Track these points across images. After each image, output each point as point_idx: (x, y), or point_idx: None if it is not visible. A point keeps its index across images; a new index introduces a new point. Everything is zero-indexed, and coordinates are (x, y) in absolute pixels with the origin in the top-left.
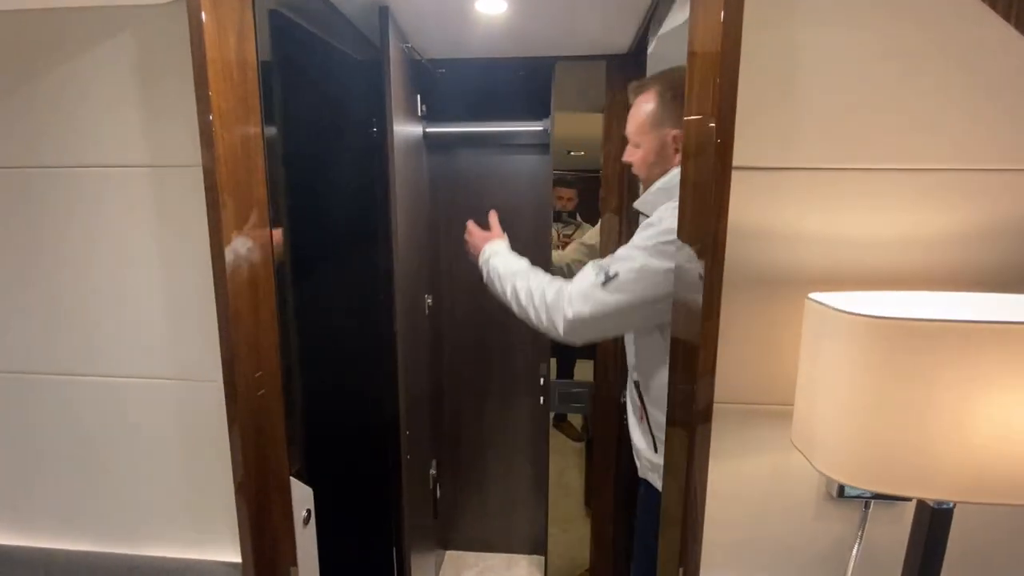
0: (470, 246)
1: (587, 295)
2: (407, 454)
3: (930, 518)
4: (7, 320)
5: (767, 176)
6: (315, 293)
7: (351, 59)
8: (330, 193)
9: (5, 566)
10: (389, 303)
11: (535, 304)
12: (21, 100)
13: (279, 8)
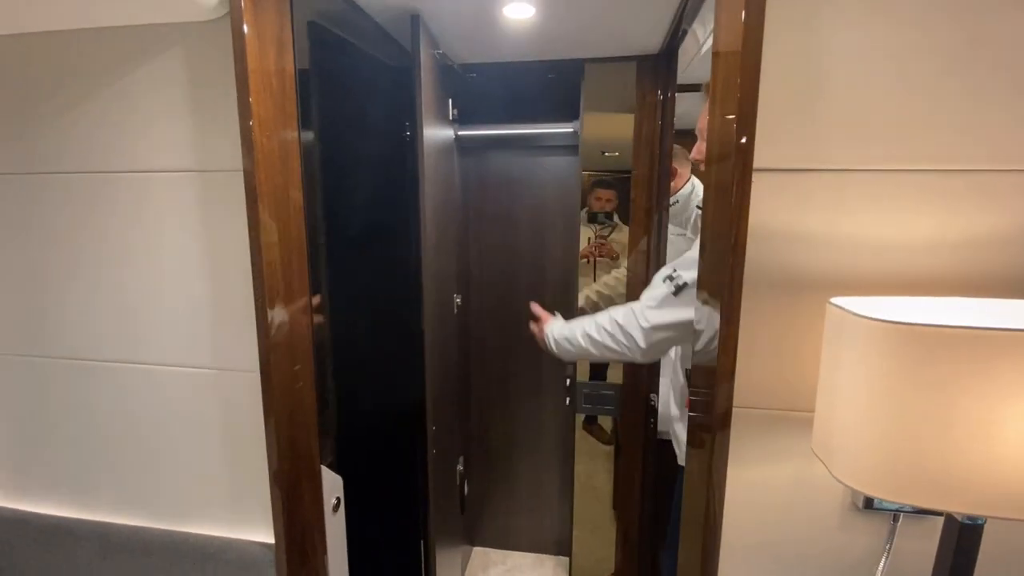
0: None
1: (661, 304)
2: (433, 448)
3: (958, 533)
4: (68, 310)
5: (790, 178)
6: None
7: (385, 65)
8: (363, 194)
9: (68, 537)
10: (418, 302)
11: (608, 331)
12: (83, 112)
13: (316, 19)
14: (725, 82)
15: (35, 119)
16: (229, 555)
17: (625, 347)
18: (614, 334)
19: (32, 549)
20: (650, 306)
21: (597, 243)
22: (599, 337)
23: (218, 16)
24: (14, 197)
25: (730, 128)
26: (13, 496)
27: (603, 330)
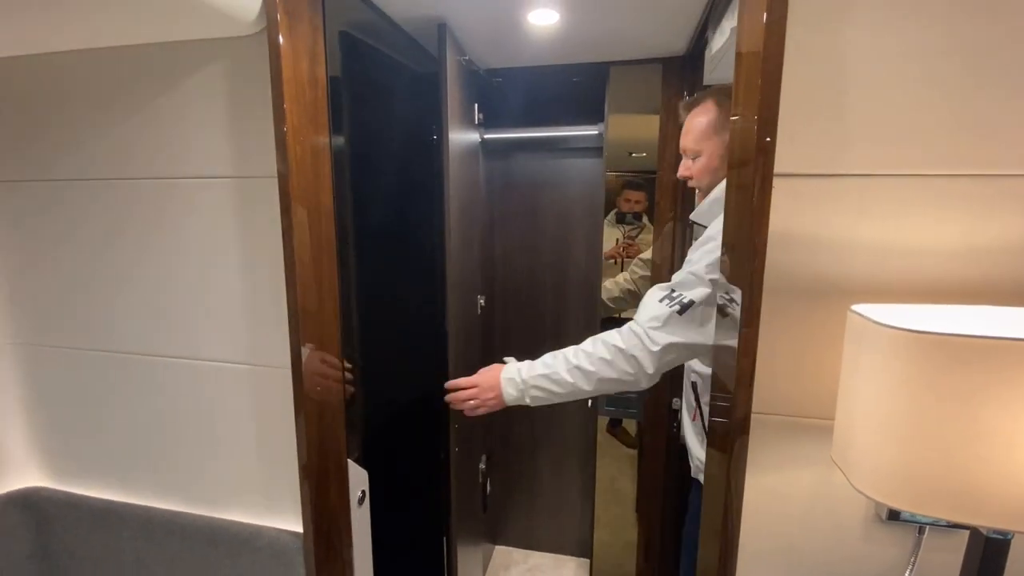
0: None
1: (667, 324)
2: (455, 447)
3: (984, 548)
4: (118, 308)
5: (812, 183)
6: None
7: (412, 71)
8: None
9: (113, 518)
10: (442, 302)
11: (606, 359)
12: (134, 123)
13: (346, 29)
14: (747, 84)
15: (91, 129)
16: (261, 542)
17: (629, 375)
18: (613, 361)
19: (82, 529)
20: (654, 327)
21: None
22: (593, 368)
23: (256, 31)
24: (70, 202)
25: (751, 132)
26: (65, 479)
27: (598, 359)
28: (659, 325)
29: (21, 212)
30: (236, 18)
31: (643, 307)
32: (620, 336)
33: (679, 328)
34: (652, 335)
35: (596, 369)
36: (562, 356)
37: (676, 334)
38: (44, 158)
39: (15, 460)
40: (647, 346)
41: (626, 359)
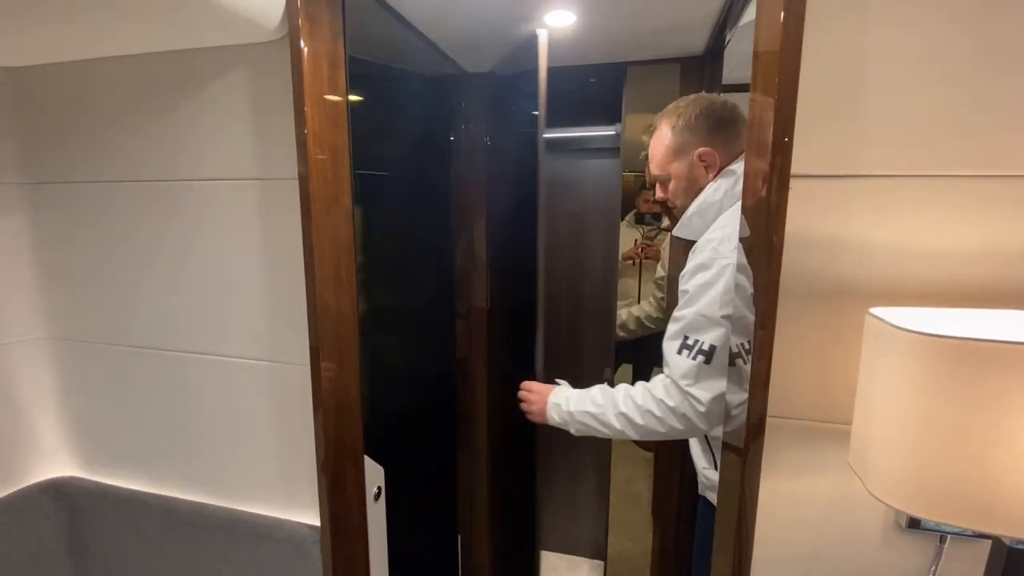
0: (531, 406)
1: (699, 378)
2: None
3: (1007, 558)
4: (146, 304)
5: (830, 184)
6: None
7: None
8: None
9: (140, 508)
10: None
11: (658, 416)
12: (160, 127)
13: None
14: (764, 83)
15: (120, 133)
16: (280, 534)
17: (679, 431)
18: (663, 419)
19: (111, 517)
20: (689, 384)
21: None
22: (642, 421)
23: (278, 37)
24: (101, 203)
25: (768, 132)
26: (95, 469)
27: (647, 413)
28: (693, 382)
29: (55, 212)
30: (258, 24)
31: (667, 359)
32: (667, 392)
33: (714, 378)
34: (694, 394)
35: (645, 423)
36: (611, 398)
37: (715, 386)
38: (76, 161)
39: (48, 450)
40: (695, 407)
41: (677, 417)
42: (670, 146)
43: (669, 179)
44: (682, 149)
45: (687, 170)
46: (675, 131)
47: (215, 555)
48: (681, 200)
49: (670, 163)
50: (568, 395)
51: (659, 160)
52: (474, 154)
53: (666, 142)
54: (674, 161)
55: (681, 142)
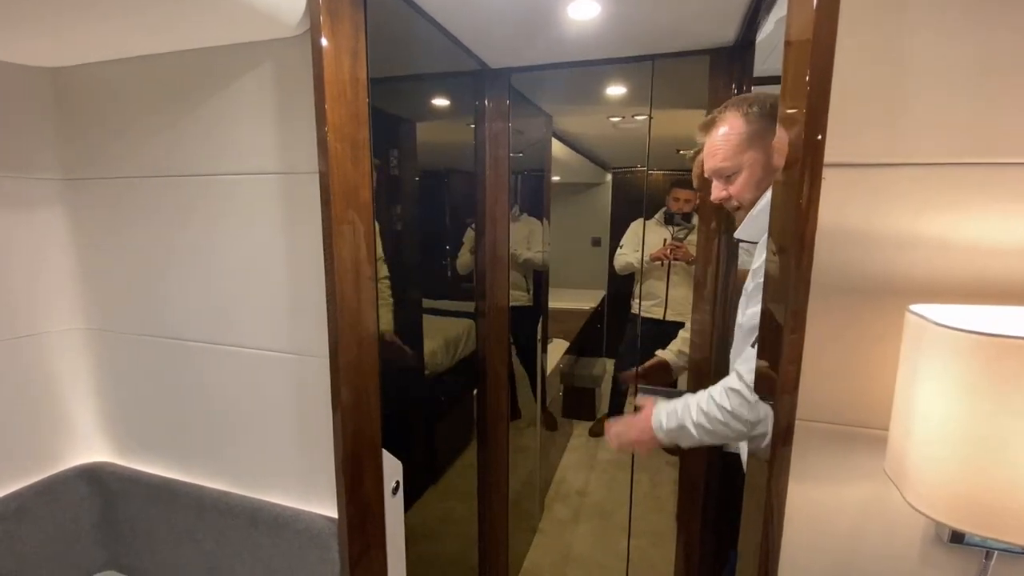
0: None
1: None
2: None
3: None
4: (173, 296)
5: (867, 173)
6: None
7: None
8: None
9: (170, 495)
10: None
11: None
12: (185, 123)
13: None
14: (796, 73)
15: (149, 130)
16: (299, 524)
17: (744, 433)
18: (728, 423)
19: (141, 503)
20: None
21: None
22: (712, 427)
23: (300, 32)
24: (132, 198)
25: (800, 122)
26: (127, 456)
27: (716, 420)
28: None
29: (91, 207)
30: (281, 20)
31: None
32: (727, 397)
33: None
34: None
35: (714, 428)
36: (687, 407)
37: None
38: (110, 157)
39: (84, 436)
40: (756, 412)
41: (741, 421)
42: (744, 133)
43: (739, 172)
44: (759, 136)
45: (764, 160)
46: (749, 117)
47: (238, 541)
48: (751, 194)
49: (744, 152)
50: (664, 410)
51: (729, 150)
52: (497, 150)
53: (739, 129)
54: (749, 150)
55: (758, 128)
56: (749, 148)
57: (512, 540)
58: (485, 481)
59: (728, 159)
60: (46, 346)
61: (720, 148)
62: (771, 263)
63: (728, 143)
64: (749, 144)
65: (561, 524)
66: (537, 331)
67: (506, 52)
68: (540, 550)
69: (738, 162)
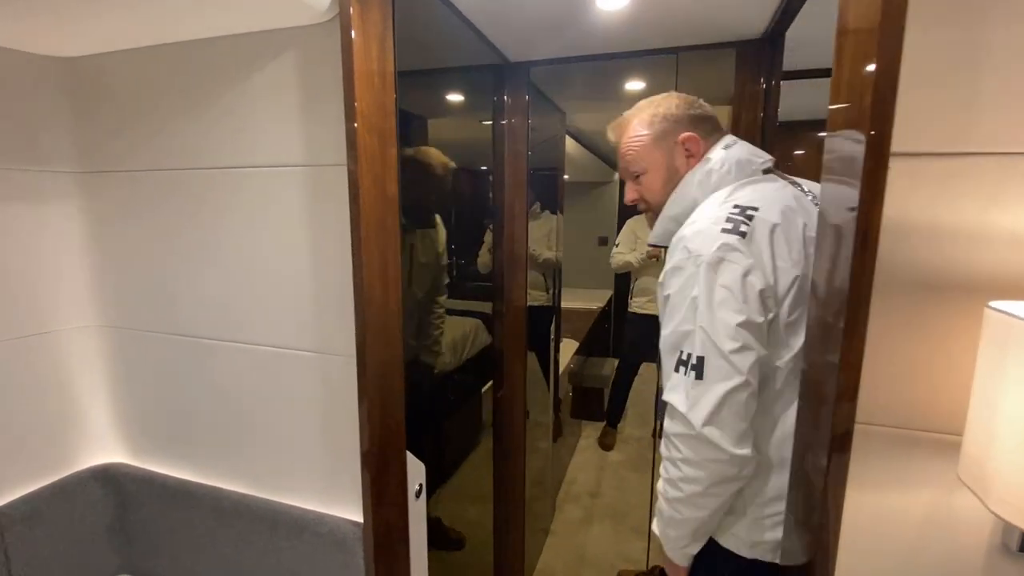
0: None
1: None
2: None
3: None
4: (193, 293)
5: (937, 163)
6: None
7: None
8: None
9: (188, 496)
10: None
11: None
12: (207, 114)
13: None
14: (854, 62)
15: (168, 121)
16: (322, 528)
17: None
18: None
19: (158, 505)
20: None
21: None
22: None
23: (327, 19)
24: (151, 191)
25: (861, 111)
26: (142, 457)
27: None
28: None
29: (107, 201)
30: (309, 4)
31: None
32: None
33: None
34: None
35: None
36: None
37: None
38: (127, 149)
39: (98, 437)
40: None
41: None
42: (650, 134)
43: (645, 173)
44: (663, 136)
45: (668, 159)
46: (655, 119)
47: (258, 545)
48: (658, 197)
49: (650, 153)
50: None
51: (638, 151)
52: (515, 145)
53: (645, 130)
54: (655, 151)
55: (663, 129)
56: (655, 149)
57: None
58: (501, 483)
59: (637, 159)
60: (59, 344)
61: (630, 147)
62: (823, 262)
63: (634, 143)
64: (654, 144)
65: (573, 525)
66: (550, 331)
67: (528, 45)
68: (553, 551)
69: (644, 164)
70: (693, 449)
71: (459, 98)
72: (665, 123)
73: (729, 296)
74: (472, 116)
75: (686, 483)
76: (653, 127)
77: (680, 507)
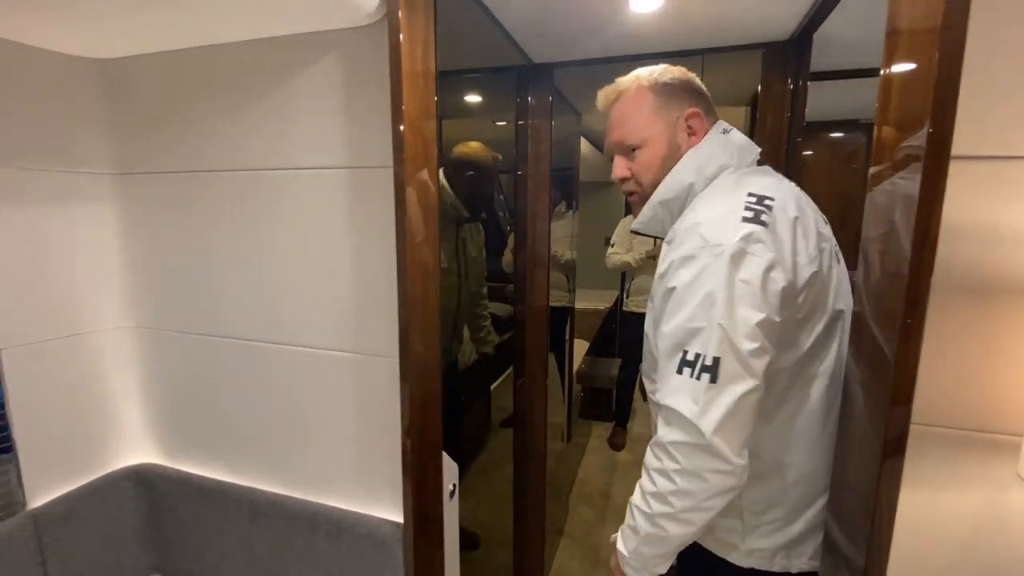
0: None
1: (707, 403)
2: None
3: None
4: (232, 295)
5: (998, 166)
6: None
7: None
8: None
9: (222, 498)
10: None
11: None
12: (250, 115)
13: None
14: (910, 62)
15: (206, 123)
16: (360, 529)
17: (724, 488)
18: (691, 491)
19: (193, 505)
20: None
21: None
22: (666, 508)
23: (373, 21)
24: (190, 192)
25: (920, 112)
26: (175, 458)
27: (667, 498)
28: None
29: (141, 203)
30: (358, 6)
31: (666, 390)
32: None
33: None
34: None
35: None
36: (635, 509)
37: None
38: (164, 151)
39: (131, 437)
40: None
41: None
42: (650, 104)
43: (643, 146)
44: (667, 107)
45: (669, 134)
46: (657, 86)
47: (295, 546)
48: (652, 175)
49: (651, 124)
50: (620, 542)
51: (637, 122)
52: (538, 146)
53: (646, 99)
54: (657, 122)
55: (667, 98)
56: (655, 121)
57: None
58: (521, 483)
59: (635, 130)
60: (93, 345)
61: (627, 117)
62: (877, 261)
63: (634, 113)
64: (655, 115)
65: (588, 526)
66: (565, 331)
67: (556, 47)
68: (568, 552)
69: (643, 135)
70: (695, 459)
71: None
72: (669, 92)
73: (750, 292)
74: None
75: (678, 497)
76: (657, 95)
77: (666, 523)
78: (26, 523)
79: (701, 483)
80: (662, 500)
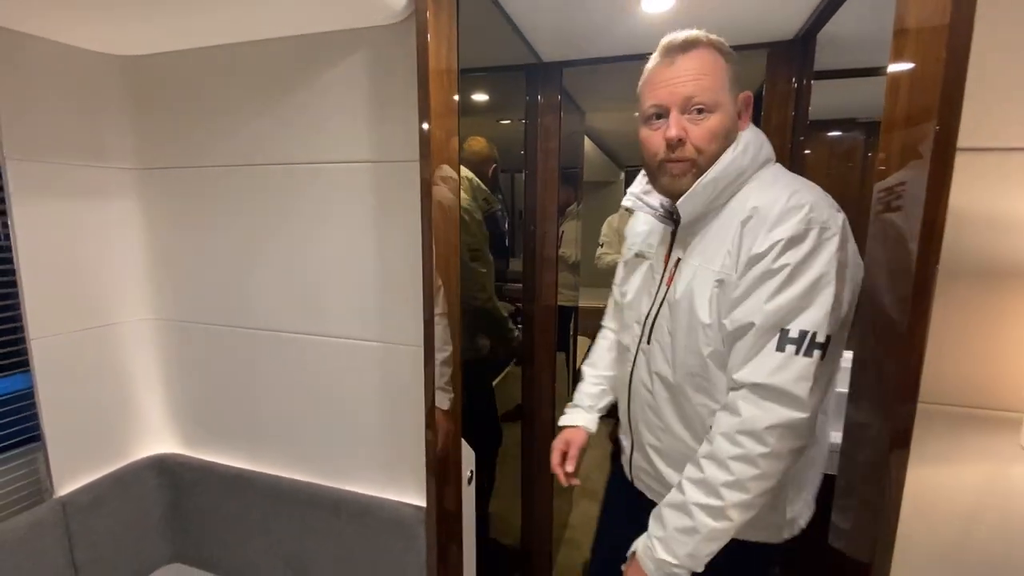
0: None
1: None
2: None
3: None
4: (262, 286)
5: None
6: None
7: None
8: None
9: (245, 485)
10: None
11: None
12: (281, 111)
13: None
14: (918, 59)
15: (232, 119)
16: (383, 513)
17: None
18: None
19: (217, 493)
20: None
21: None
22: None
23: (400, 19)
24: (217, 187)
25: (924, 109)
26: (197, 447)
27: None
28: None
29: (166, 197)
30: (388, 4)
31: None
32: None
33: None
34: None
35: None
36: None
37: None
38: (188, 146)
39: (153, 427)
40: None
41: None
42: (724, 69)
43: (713, 112)
44: (735, 81)
45: (733, 110)
46: (731, 58)
47: (318, 530)
48: (717, 146)
49: (725, 91)
50: (649, 548)
51: (712, 82)
52: (547, 144)
53: (720, 63)
54: (728, 91)
55: (734, 73)
56: (728, 90)
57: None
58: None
59: (709, 91)
60: (118, 337)
61: (703, 72)
62: (886, 248)
63: (714, 70)
64: (729, 86)
65: (591, 520)
66: (569, 328)
67: (566, 46)
68: (572, 545)
69: (718, 99)
70: (789, 439)
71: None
72: (736, 66)
73: (849, 275)
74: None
75: (758, 481)
76: (730, 64)
77: (736, 512)
78: (54, 510)
79: (780, 464)
80: (739, 488)
